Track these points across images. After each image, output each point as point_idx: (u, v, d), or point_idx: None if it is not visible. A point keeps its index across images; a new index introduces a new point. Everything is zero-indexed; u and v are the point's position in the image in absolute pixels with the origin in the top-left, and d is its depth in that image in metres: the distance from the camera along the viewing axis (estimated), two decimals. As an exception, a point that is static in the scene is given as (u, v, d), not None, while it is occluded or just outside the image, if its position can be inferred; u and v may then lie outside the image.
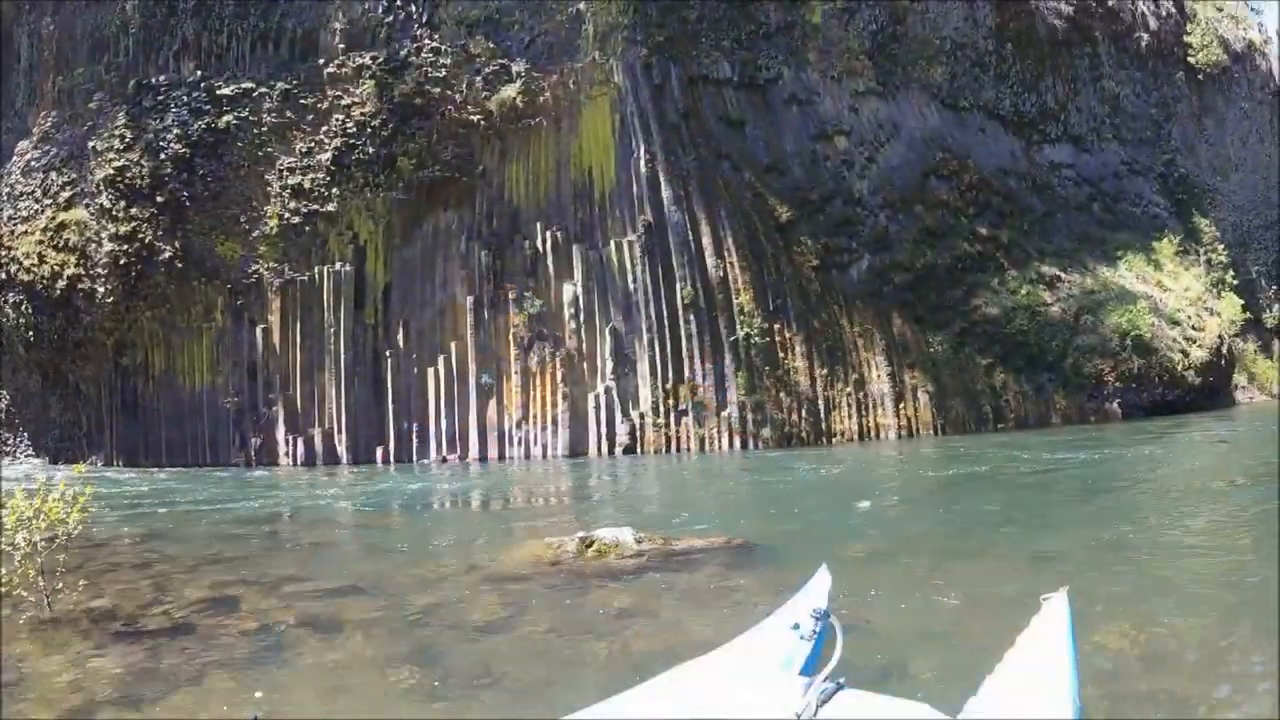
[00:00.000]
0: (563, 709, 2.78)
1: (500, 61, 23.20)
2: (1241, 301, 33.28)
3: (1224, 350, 29.46)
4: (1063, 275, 26.01)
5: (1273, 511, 9.12)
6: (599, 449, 21.51)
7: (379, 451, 22.28)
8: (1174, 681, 3.95)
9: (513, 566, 7.01)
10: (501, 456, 21.99)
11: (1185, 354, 26.72)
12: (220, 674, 4.64)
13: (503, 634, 5.18)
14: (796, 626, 3.04)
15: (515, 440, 22.16)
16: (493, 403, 22.34)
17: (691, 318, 21.78)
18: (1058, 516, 9.94)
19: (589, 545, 7.28)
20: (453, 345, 22.47)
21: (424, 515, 12.56)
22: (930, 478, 15.42)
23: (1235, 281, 34.55)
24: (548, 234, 22.72)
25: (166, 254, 22.60)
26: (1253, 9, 50.26)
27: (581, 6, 23.54)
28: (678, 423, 21.45)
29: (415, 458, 22.28)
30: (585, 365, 22.24)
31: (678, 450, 21.21)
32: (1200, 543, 8.04)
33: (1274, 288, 38.74)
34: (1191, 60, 38.11)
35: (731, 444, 21.09)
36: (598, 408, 21.76)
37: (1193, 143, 37.75)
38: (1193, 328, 28.02)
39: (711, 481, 16.53)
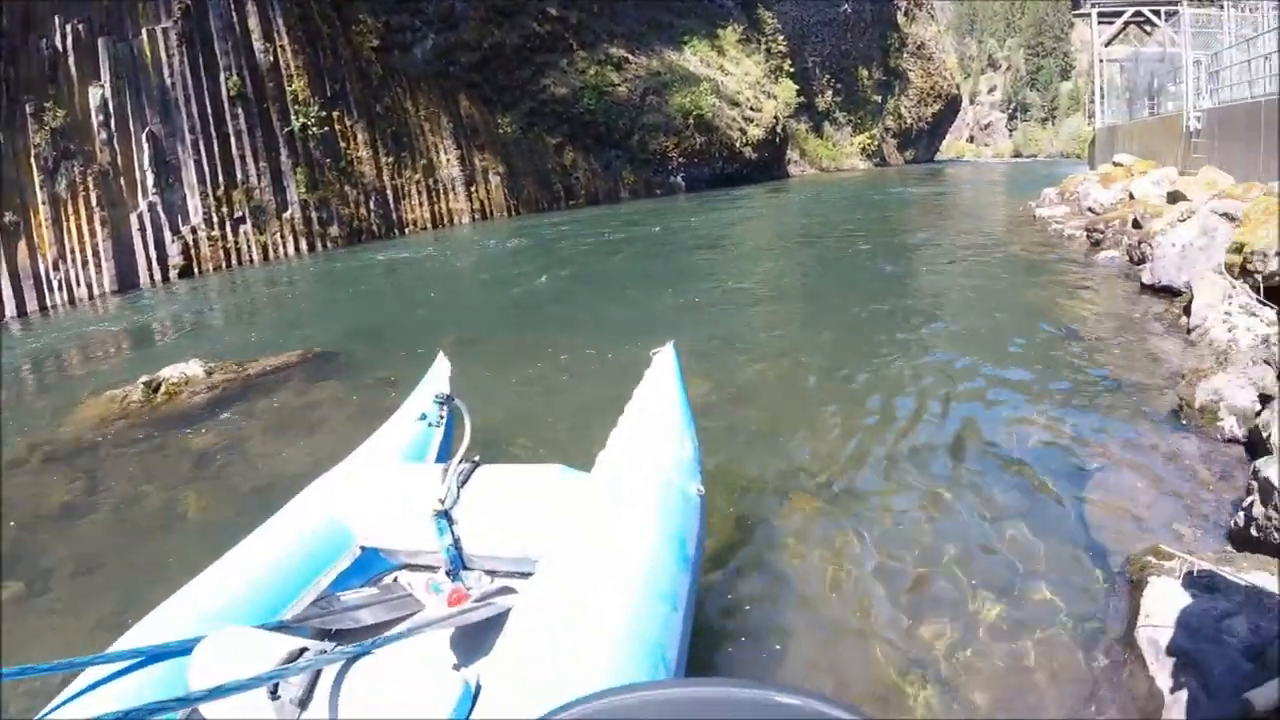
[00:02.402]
0: (180, 573, 2.36)
1: None
2: (797, 87, 37.51)
3: (779, 130, 33.36)
4: (630, 57, 27.19)
5: (821, 261, 10.54)
6: (151, 277, 19.12)
7: (-106, 333, 18.04)
8: (753, 414, 4.69)
9: (79, 433, 6.22)
10: (43, 308, 18.70)
11: (744, 132, 29.79)
12: None
13: (87, 512, 4.60)
14: (423, 416, 3.03)
15: (55, 284, 18.94)
16: (21, 244, 18.75)
17: (240, 111, 19.61)
18: (639, 282, 10.51)
19: (156, 389, 6.66)
20: (-40, 181, 18.36)
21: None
22: (506, 258, 15.63)
23: (793, 69, 38.78)
24: (67, 28, 18.80)
25: None
26: None
27: None
28: (235, 233, 19.67)
29: (-60, 330, 18.40)
30: (123, 181, 19.26)
31: (240, 264, 19.58)
32: (764, 294, 9.06)
33: (827, 76, 44.22)
34: None
35: (298, 248, 19.91)
36: (143, 229, 19.14)
37: (763, -61, 40.44)
38: (751, 109, 31.17)
39: (279, 292, 15.43)
